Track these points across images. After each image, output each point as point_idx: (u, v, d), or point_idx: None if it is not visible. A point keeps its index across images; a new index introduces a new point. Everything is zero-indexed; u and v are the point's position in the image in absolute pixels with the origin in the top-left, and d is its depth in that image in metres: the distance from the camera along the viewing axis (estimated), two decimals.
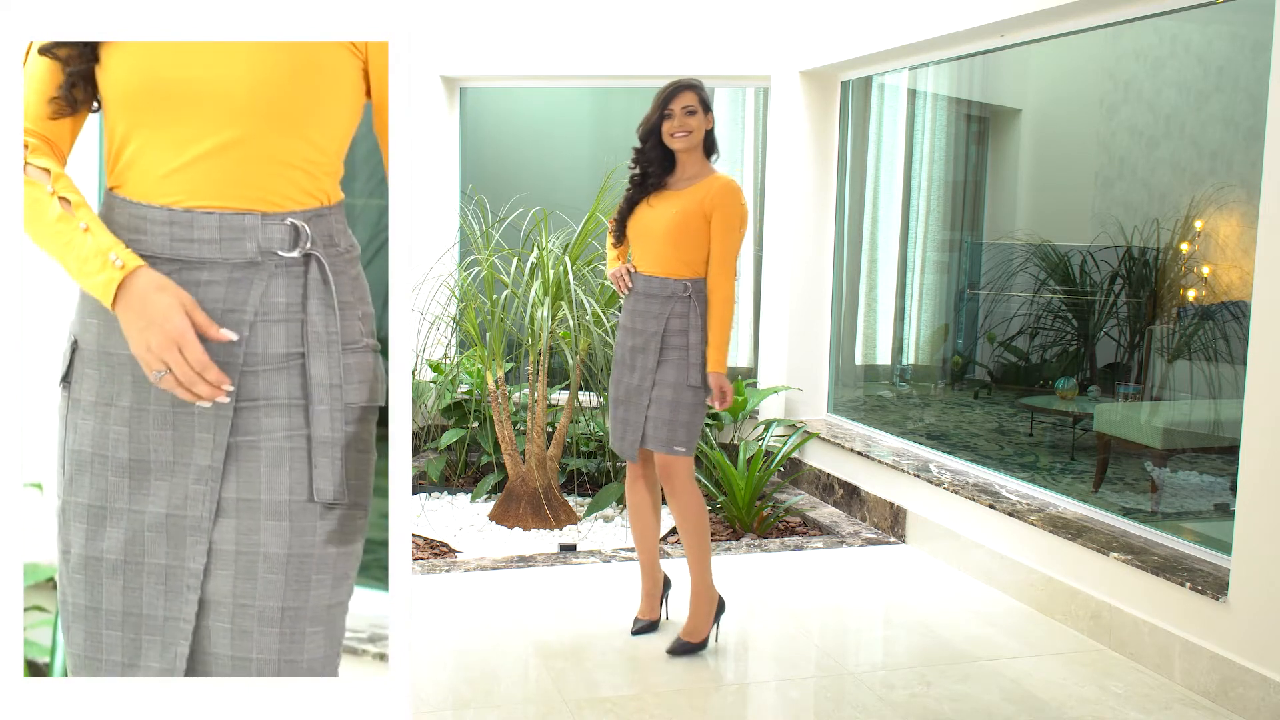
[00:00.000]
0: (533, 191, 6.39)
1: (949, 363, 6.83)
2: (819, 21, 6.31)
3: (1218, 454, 4.89)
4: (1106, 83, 5.65)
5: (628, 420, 4.02)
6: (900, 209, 6.82)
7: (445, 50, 6.84)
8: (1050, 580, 4.45)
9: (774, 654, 4.14)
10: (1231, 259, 4.86)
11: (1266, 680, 3.48)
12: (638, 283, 4.01)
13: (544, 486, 5.83)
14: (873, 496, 5.75)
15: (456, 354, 6.55)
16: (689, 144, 3.91)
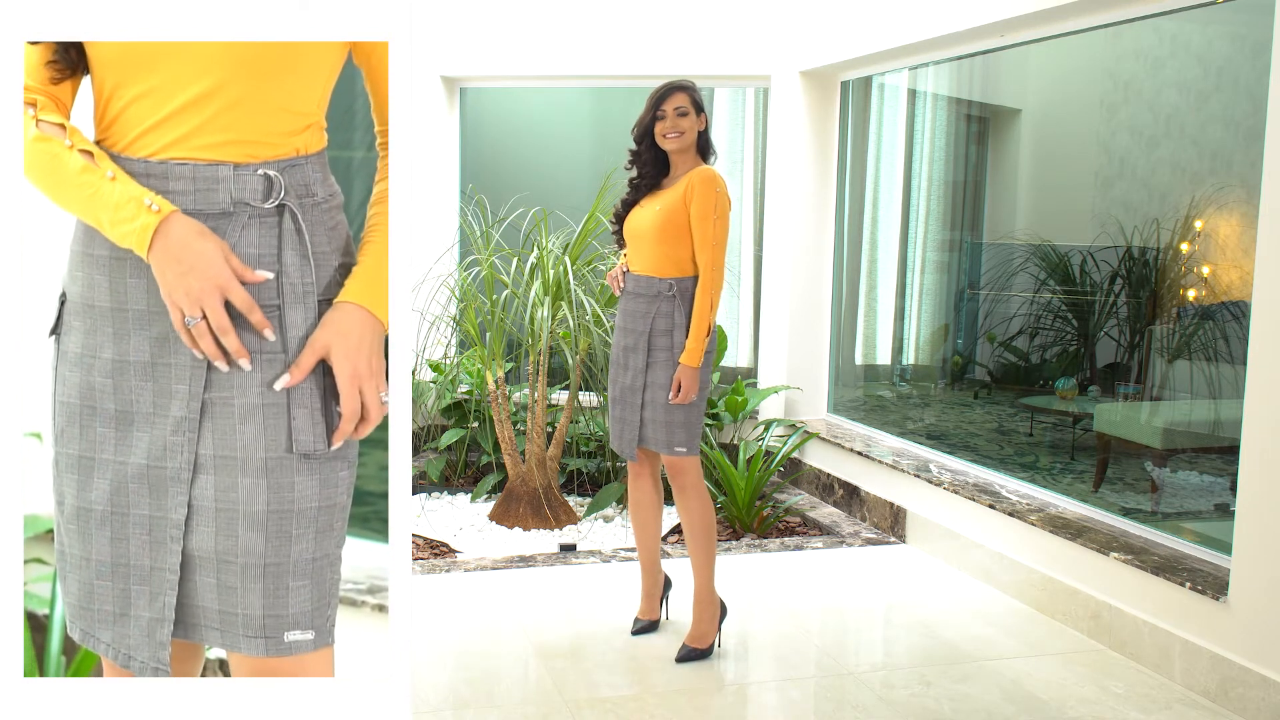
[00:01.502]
0: (532, 191, 6.39)
1: (949, 363, 6.83)
2: (819, 21, 6.31)
3: (1218, 454, 4.89)
4: (1106, 83, 5.65)
5: (624, 420, 4.02)
6: (900, 209, 6.82)
7: (445, 50, 6.84)
8: (1050, 580, 4.45)
9: (774, 654, 4.14)
10: (1231, 259, 4.86)
11: (1266, 680, 3.48)
12: (629, 282, 4.02)
13: (544, 486, 5.83)
14: (873, 496, 5.75)
15: (456, 354, 6.55)
16: (681, 144, 3.90)
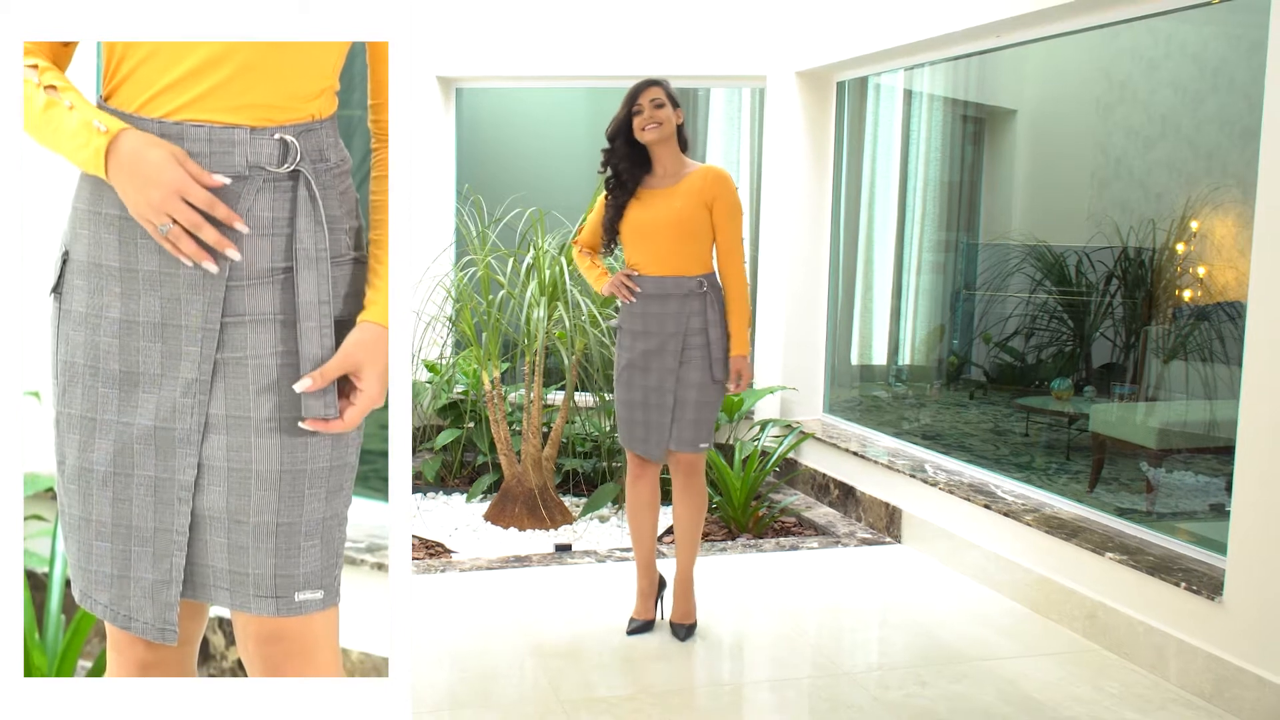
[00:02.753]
0: (529, 192, 6.39)
1: (945, 363, 6.84)
2: (815, 22, 6.32)
3: (1213, 454, 4.90)
4: (1102, 83, 5.66)
5: (649, 423, 4.02)
6: (896, 209, 6.83)
7: (441, 50, 6.84)
8: (1045, 580, 4.46)
9: (770, 654, 4.14)
10: (1227, 259, 4.87)
11: (1261, 680, 3.49)
12: (647, 285, 3.98)
13: (539, 486, 5.83)
14: (868, 497, 5.75)
15: (452, 354, 6.55)
16: (660, 135, 3.92)
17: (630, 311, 4.03)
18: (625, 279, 4.02)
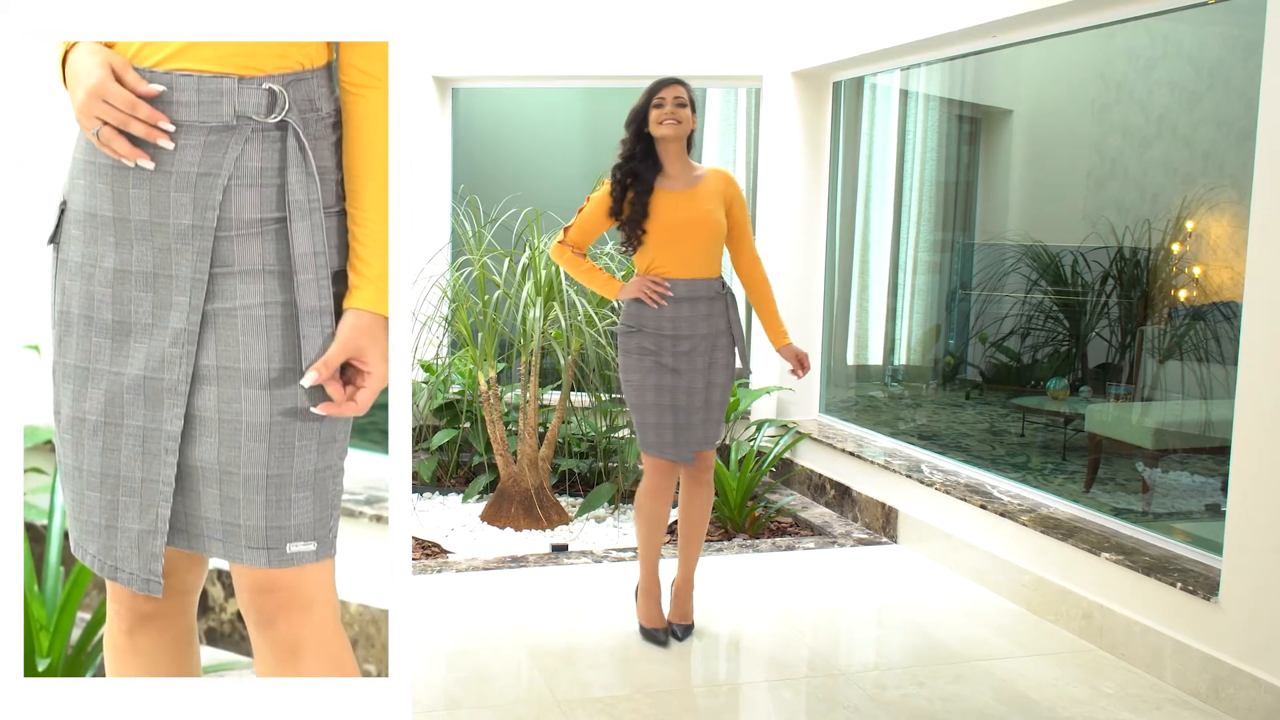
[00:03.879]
0: (525, 192, 6.39)
1: (941, 363, 6.85)
2: (811, 22, 6.32)
3: (1209, 454, 4.91)
4: (1098, 83, 5.67)
5: (680, 425, 3.97)
6: (892, 209, 6.83)
7: (437, 50, 6.83)
8: (1042, 580, 4.46)
9: (766, 654, 4.14)
10: (1223, 259, 4.88)
11: (1257, 680, 3.49)
12: (678, 288, 3.94)
13: (536, 487, 5.83)
14: (864, 497, 5.76)
15: (448, 354, 6.55)
16: (677, 133, 3.91)
17: (659, 315, 3.94)
18: (655, 283, 3.95)
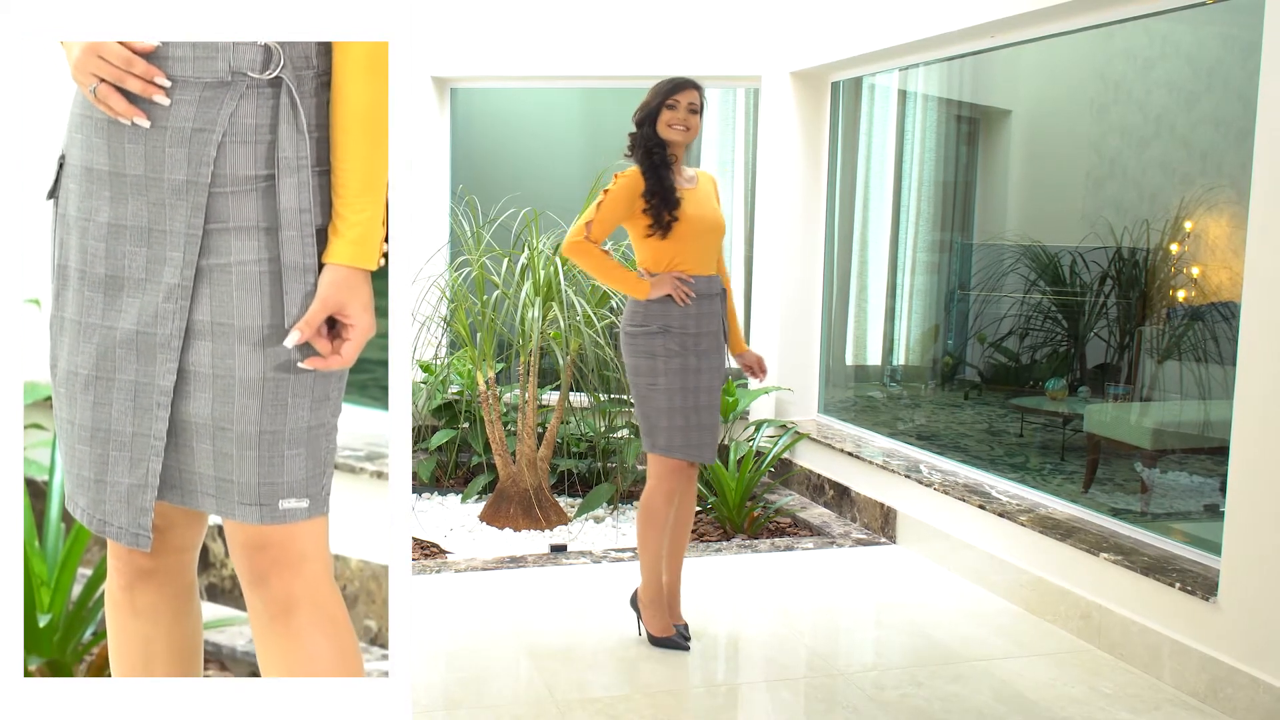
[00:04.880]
0: (524, 192, 6.39)
1: (939, 363, 6.85)
2: (809, 22, 6.32)
3: (1207, 454, 4.91)
4: (1097, 84, 5.67)
5: (705, 425, 3.96)
6: (890, 210, 6.84)
7: (436, 51, 6.83)
8: (1040, 581, 4.46)
9: (765, 654, 4.14)
10: (1221, 260, 4.88)
11: (1256, 681, 3.50)
12: (699, 285, 3.93)
13: (535, 487, 5.83)
14: (863, 497, 5.76)
15: (447, 354, 6.55)
16: (687, 139, 3.90)
17: (684, 313, 3.90)
18: (682, 279, 3.90)
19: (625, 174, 3.90)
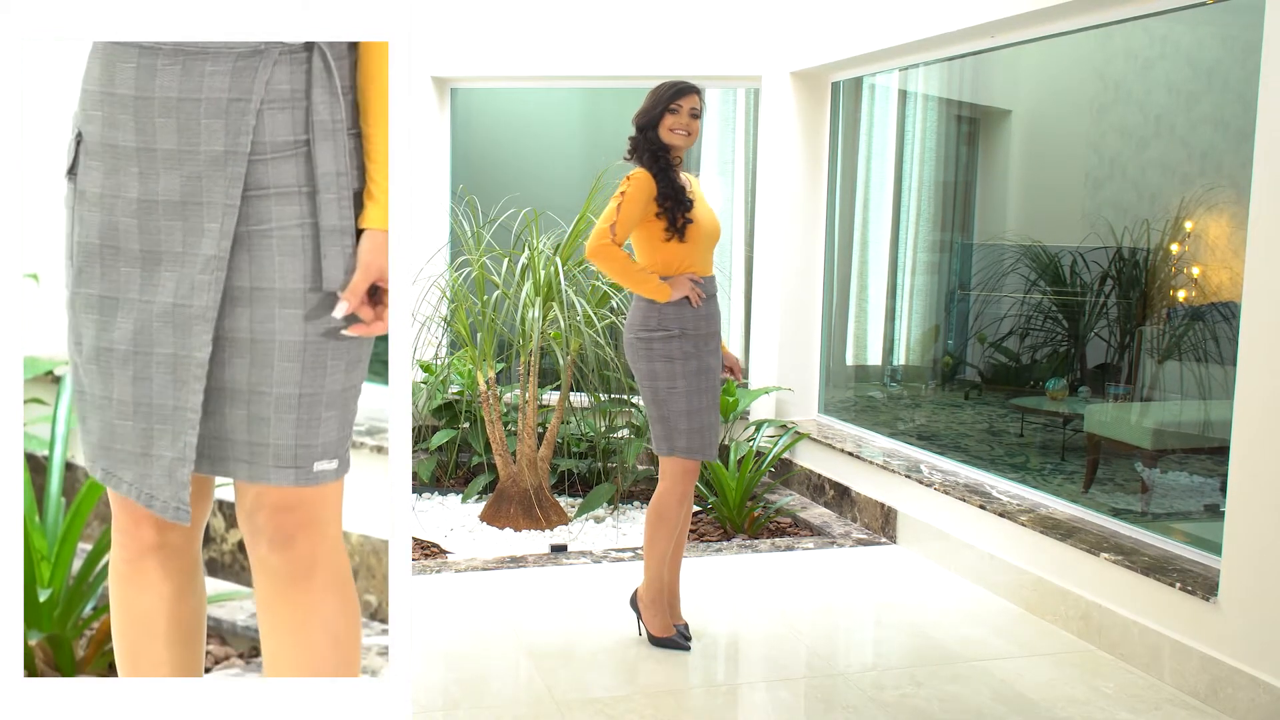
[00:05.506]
0: (524, 192, 6.39)
1: (939, 363, 6.84)
2: (809, 22, 6.32)
3: (1208, 454, 4.91)
4: (1097, 84, 5.67)
5: (713, 424, 3.99)
6: (891, 210, 6.84)
7: (436, 51, 6.83)
8: (1040, 581, 4.46)
9: (764, 654, 4.14)
10: (1221, 260, 4.88)
11: (1256, 681, 3.50)
12: (709, 285, 3.98)
13: (535, 487, 5.83)
14: (863, 497, 5.76)
15: (447, 354, 6.55)
16: (689, 144, 3.91)
17: (696, 315, 3.91)
18: (695, 281, 3.91)
19: (635, 176, 3.86)
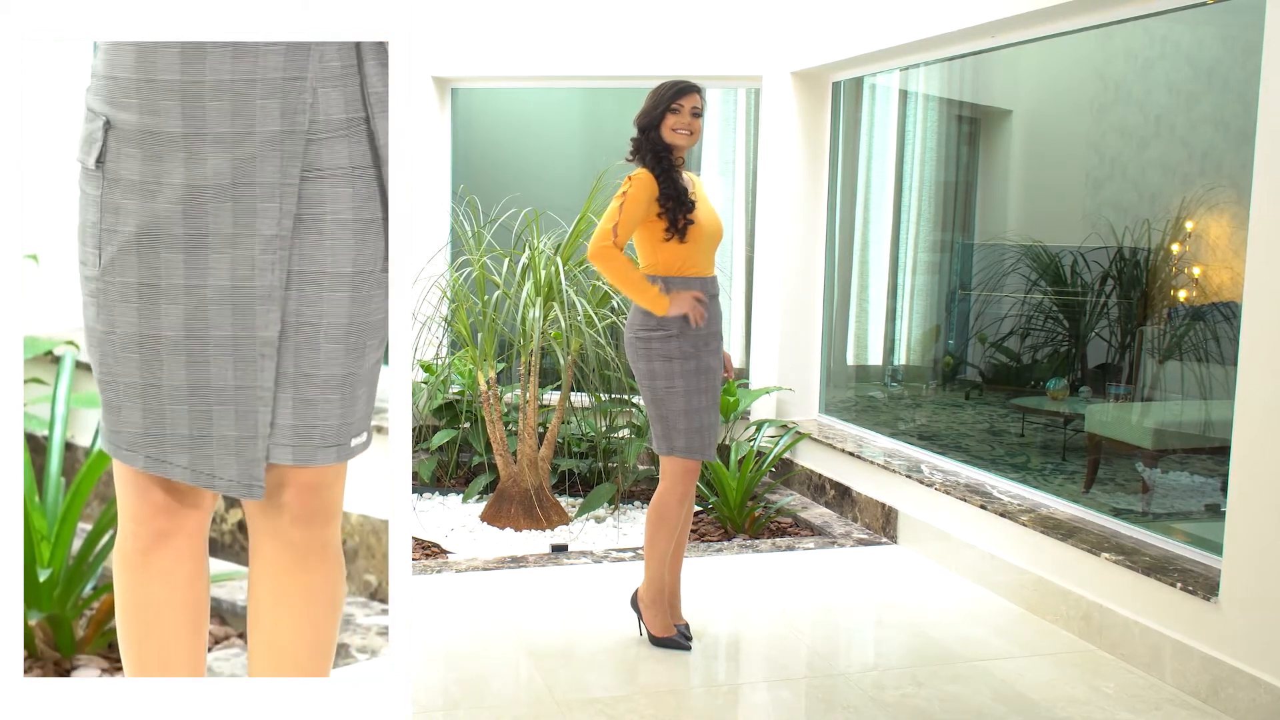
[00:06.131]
0: (524, 192, 6.39)
1: (940, 363, 6.84)
2: (810, 22, 6.32)
3: (1208, 454, 4.91)
4: (1097, 84, 5.67)
5: (712, 424, 3.98)
6: (891, 210, 6.84)
7: (437, 50, 6.83)
8: (1041, 581, 4.46)
9: (765, 654, 4.14)
10: (1222, 260, 4.88)
11: (1257, 681, 3.50)
12: (709, 286, 3.97)
13: (535, 487, 5.83)
14: (864, 497, 5.76)
15: (448, 354, 6.55)
16: (691, 144, 3.92)
17: (696, 315, 3.90)
18: (699, 300, 3.88)
19: (636, 176, 3.86)
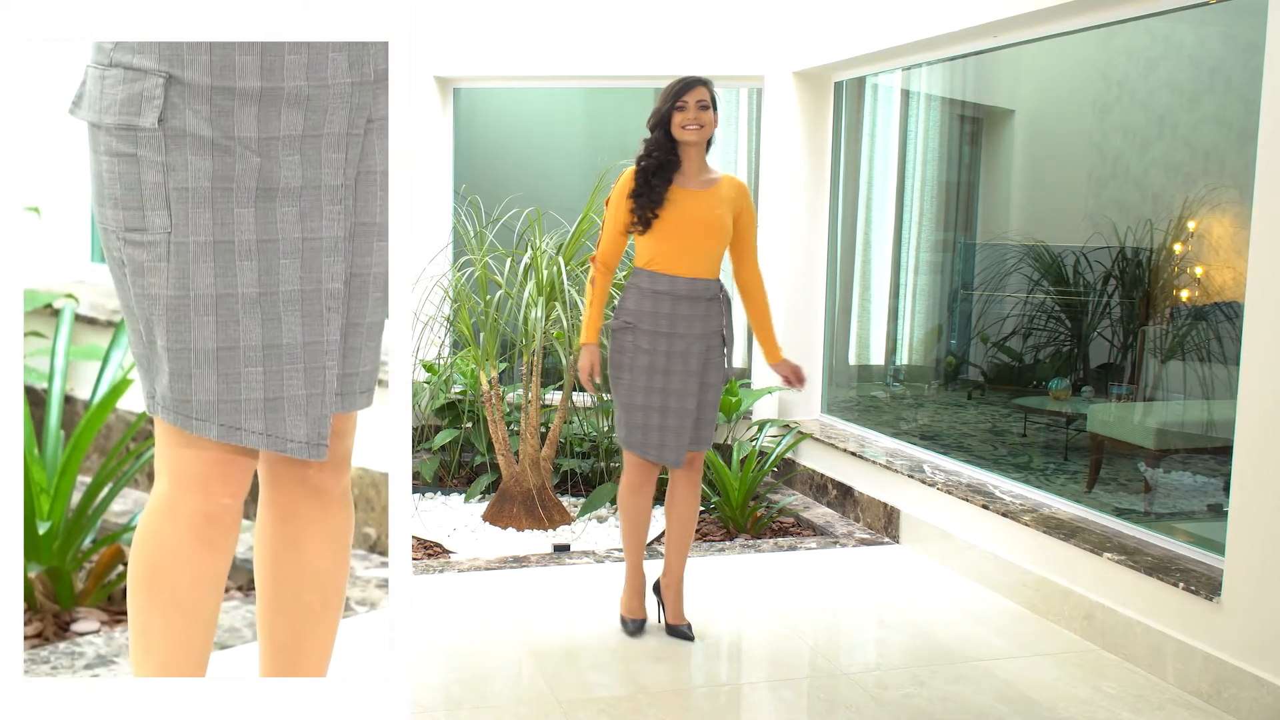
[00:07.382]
0: (526, 192, 6.39)
1: (942, 363, 6.85)
2: (812, 22, 6.32)
3: (1211, 454, 4.91)
4: (1099, 83, 5.67)
5: (668, 427, 3.97)
6: (894, 209, 6.83)
7: (438, 50, 6.84)
8: (1043, 581, 4.46)
9: (767, 654, 4.14)
10: (1225, 259, 4.88)
11: (1260, 681, 3.49)
12: (678, 286, 3.95)
13: (537, 487, 5.83)
14: (866, 497, 5.75)
15: (450, 354, 6.55)
16: (701, 138, 3.92)
17: (655, 314, 3.94)
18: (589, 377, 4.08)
19: (622, 174, 4.03)
